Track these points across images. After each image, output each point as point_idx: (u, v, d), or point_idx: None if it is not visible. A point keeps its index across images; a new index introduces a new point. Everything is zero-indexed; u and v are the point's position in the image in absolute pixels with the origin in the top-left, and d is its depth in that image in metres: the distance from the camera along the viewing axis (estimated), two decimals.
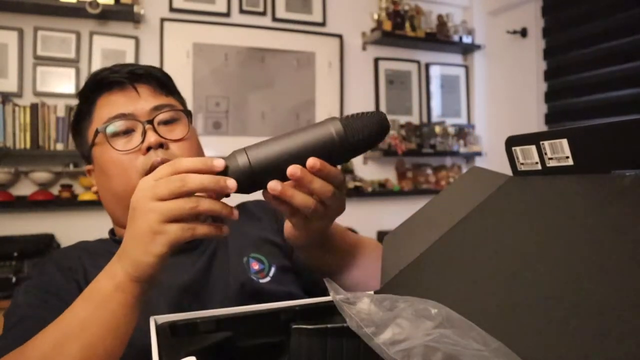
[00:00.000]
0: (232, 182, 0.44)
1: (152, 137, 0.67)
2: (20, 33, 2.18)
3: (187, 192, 0.44)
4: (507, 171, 0.49)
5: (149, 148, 0.67)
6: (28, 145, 2.08)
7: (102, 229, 0.78)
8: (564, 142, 0.40)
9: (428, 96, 3.07)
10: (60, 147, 2.12)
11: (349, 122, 0.47)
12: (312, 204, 0.48)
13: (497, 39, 3.05)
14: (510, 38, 2.95)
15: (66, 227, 2.20)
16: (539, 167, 0.43)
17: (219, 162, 0.45)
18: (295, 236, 0.57)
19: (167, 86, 0.76)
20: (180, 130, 0.72)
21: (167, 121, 0.71)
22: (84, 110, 0.74)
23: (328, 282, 0.45)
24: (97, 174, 0.73)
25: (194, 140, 0.74)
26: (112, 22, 2.32)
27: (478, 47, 3.07)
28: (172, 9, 2.45)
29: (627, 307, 0.26)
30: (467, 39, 3.00)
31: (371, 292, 0.45)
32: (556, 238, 0.36)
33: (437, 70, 3.11)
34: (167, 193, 0.44)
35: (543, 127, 2.75)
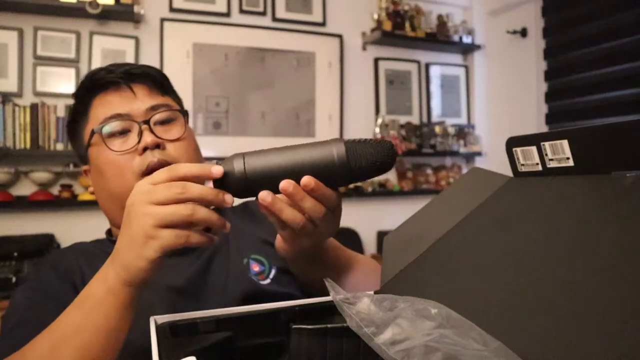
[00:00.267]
0: (230, 198, 0.45)
1: (149, 138, 0.66)
2: (20, 33, 2.18)
3: (186, 200, 0.44)
4: (507, 171, 0.49)
5: (145, 148, 0.66)
6: (28, 145, 2.08)
7: (102, 229, 0.78)
8: (565, 143, 0.40)
9: (428, 96, 3.07)
10: (60, 147, 2.12)
11: (353, 146, 0.46)
12: (300, 220, 0.48)
13: (497, 39, 3.05)
14: (510, 38, 2.95)
15: (66, 227, 2.20)
16: (540, 168, 0.43)
17: (217, 169, 0.45)
18: (284, 249, 0.57)
19: (164, 86, 0.75)
20: (176, 130, 0.71)
21: (164, 121, 0.70)
22: (79, 111, 0.73)
23: (328, 282, 0.45)
24: (93, 175, 0.72)
25: (191, 140, 0.73)
26: (112, 22, 2.32)
27: (478, 47, 3.07)
28: (172, 9, 2.45)
29: (627, 307, 0.26)
30: (467, 39, 3.01)
31: (371, 292, 0.45)
32: (557, 239, 0.36)
33: (437, 70, 3.11)
34: (165, 198, 0.44)
35: (543, 127, 2.75)
